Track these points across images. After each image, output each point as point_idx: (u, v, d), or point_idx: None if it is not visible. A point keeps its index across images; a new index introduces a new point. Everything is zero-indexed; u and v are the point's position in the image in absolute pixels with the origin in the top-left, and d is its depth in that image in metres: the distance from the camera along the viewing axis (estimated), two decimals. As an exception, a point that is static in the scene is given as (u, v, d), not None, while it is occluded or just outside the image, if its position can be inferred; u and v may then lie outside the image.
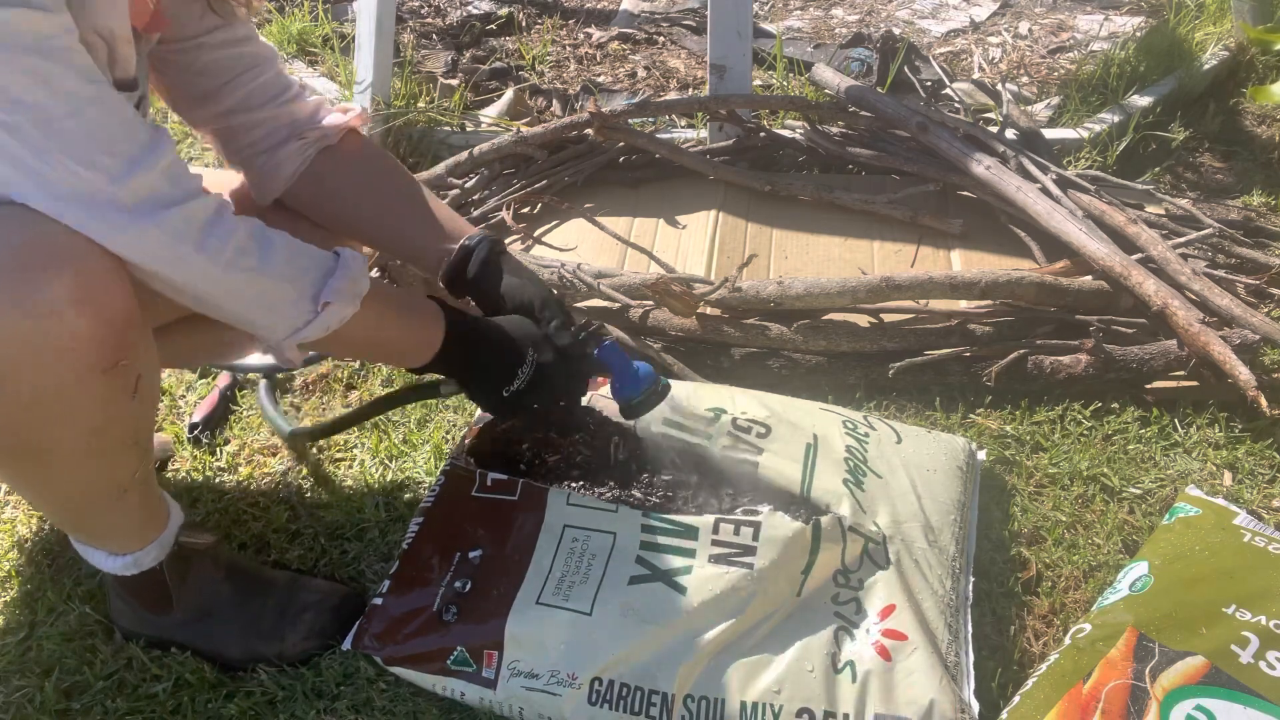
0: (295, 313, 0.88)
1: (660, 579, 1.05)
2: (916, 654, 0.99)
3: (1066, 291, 1.50)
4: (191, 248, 0.80)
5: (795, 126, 2.07)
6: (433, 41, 2.73)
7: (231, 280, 0.84)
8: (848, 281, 1.49)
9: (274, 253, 0.86)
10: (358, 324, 0.92)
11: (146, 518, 1.03)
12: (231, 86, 1.05)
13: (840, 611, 1.03)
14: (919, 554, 1.10)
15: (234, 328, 0.90)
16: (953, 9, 2.86)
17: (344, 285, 0.90)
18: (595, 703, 1.00)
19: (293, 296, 0.88)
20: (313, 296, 0.88)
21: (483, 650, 1.04)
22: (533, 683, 1.02)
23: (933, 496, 1.17)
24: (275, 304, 0.87)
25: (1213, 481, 1.32)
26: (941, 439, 1.27)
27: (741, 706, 0.98)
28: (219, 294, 0.85)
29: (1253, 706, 0.90)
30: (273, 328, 0.89)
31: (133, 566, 1.04)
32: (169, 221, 0.79)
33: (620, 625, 1.02)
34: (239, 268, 0.84)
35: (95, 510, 0.98)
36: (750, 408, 1.23)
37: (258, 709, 1.07)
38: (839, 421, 1.24)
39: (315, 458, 1.38)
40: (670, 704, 0.99)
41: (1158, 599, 1.04)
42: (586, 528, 1.10)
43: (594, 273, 1.56)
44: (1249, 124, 2.17)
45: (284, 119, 1.09)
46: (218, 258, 0.82)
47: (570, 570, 1.07)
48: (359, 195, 1.13)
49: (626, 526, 1.10)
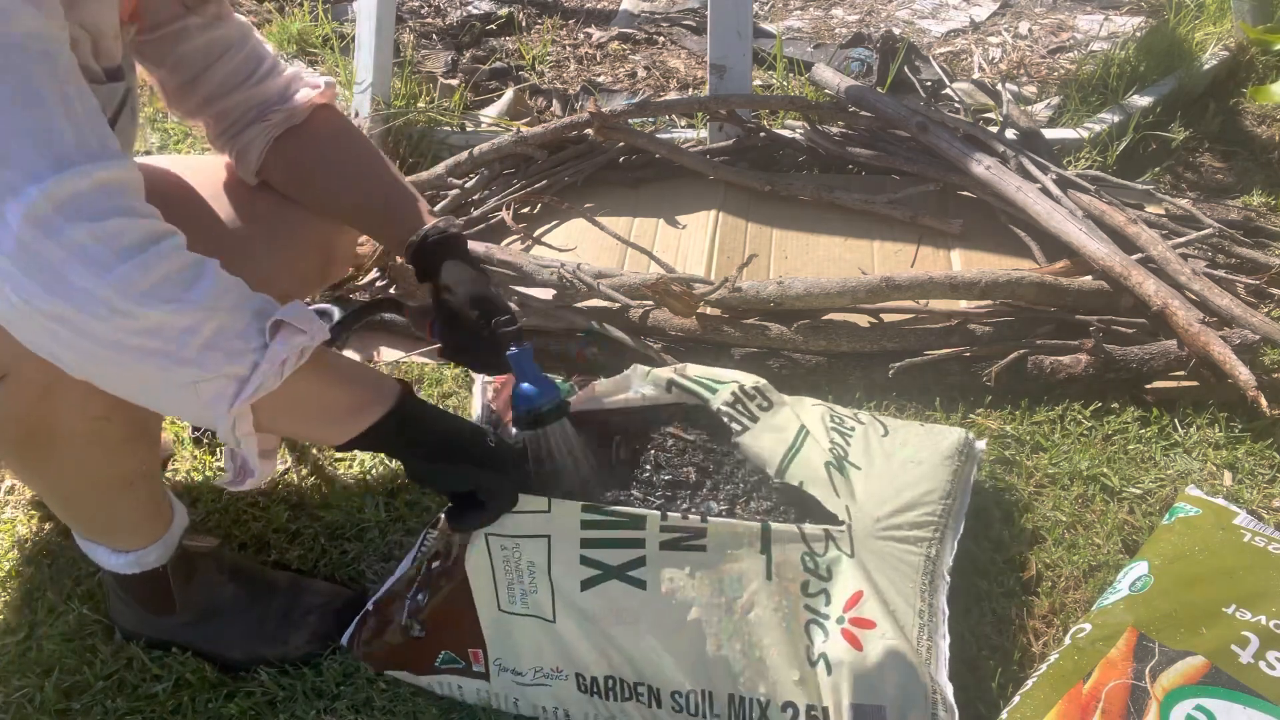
0: (239, 345, 0.75)
1: (614, 575, 1.00)
2: (886, 640, 0.97)
3: (1066, 291, 1.50)
4: (91, 272, 0.67)
5: (795, 126, 2.07)
6: (433, 41, 2.73)
7: (153, 311, 0.69)
8: (848, 281, 1.49)
9: (209, 281, 0.74)
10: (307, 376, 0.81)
11: (150, 515, 1.04)
12: (207, 74, 1.04)
13: (810, 604, 1.02)
14: (888, 542, 1.08)
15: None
16: (953, 9, 2.86)
17: (294, 325, 0.78)
18: (585, 691, 1.01)
19: (234, 326, 0.74)
20: (257, 323, 0.76)
21: (467, 650, 1.04)
22: (520, 679, 1.02)
23: (911, 485, 1.15)
24: (212, 339, 0.73)
25: (1213, 481, 1.32)
26: (934, 431, 1.26)
27: (730, 700, 0.98)
28: (127, 347, 0.70)
29: (1253, 706, 0.90)
30: (212, 383, 0.74)
31: (135, 565, 1.04)
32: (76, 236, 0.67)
33: (587, 632, 1.00)
34: (162, 298, 0.70)
35: (101, 503, 0.98)
36: (761, 385, 1.23)
37: (258, 709, 1.07)
38: (826, 415, 1.23)
39: (315, 458, 1.38)
40: (658, 694, 0.99)
41: (1158, 599, 1.04)
42: (513, 535, 1.01)
43: (594, 273, 1.56)
44: (1249, 124, 2.17)
45: (255, 100, 1.07)
46: (130, 285, 0.68)
47: (514, 580, 1.02)
48: (324, 173, 1.11)
49: (562, 526, 1.01)
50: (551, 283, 1.55)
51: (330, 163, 1.11)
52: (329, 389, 0.87)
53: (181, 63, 1.03)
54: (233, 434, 0.78)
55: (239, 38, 1.06)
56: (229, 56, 1.05)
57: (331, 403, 0.88)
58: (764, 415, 1.17)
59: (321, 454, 1.39)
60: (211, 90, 1.05)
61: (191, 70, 1.04)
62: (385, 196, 1.10)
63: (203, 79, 1.04)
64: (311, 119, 1.11)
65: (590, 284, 1.52)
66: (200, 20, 1.01)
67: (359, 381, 0.91)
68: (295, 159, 1.10)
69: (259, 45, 1.08)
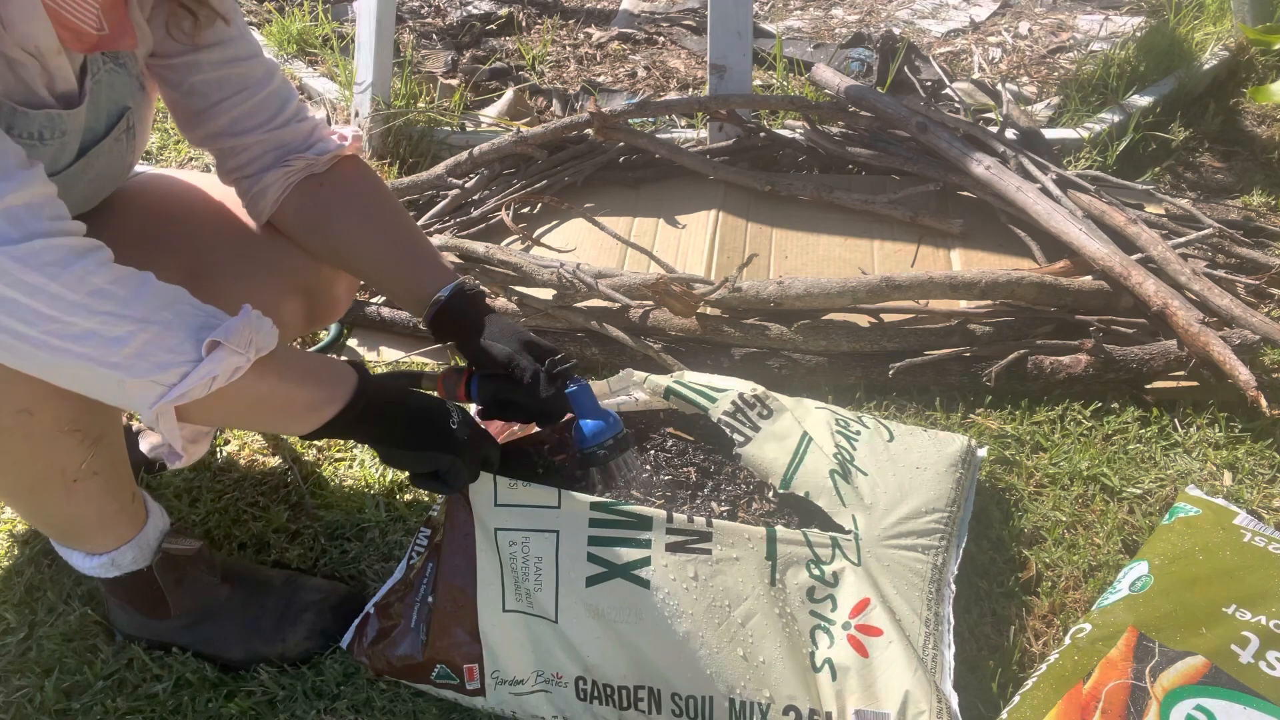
0: (169, 362, 0.77)
1: (619, 574, 1.01)
2: (892, 648, 0.98)
3: (1066, 291, 1.50)
4: (39, 275, 0.70)
5: (795, 126, 2.07)
6: (433, 41, 2.73)
7: (84, 321, 0.72)
8: (848, 281, 1.49)
9: (146, 299, 0.76)
10: (251, 379, 0.83)
11: (113, 517, 1.02)
12: (219, 109, 1.01)
13: (816, 610, 1.02)
14: (895, 550, 1.09)
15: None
16: (953, 9, 2.86)
17: (240, 329, 0.80)
18: (584, 699, 1.00)
19: (168, 341, 0.77)
20: (194, 336, 0.78)
21: (462, 666, 1.03)
22: (519, 688, 1.02)
23: (918, 493, 1.16)
24: (142, 351, 0.76)
25: (1213, 481, 1.32)
26: (938, 437, 1.26)
27: (730, 704, 0.98)
28: (65, 342, 0.73)
29: (1253, 706, 0.90)
30: (136, 385, 0.77)
31: (110, 568, 1.04)
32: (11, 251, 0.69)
33: (590, 629, 1.00)
34: (93, 310, 0.73)
35: (48, 501, 0.96)
36: (760, 392, 1.23)
37: (258, 709, 1.07)
38: (831, 419, 1.23)
39: (315, 457, 1.38)
40: (659, 696, 0.99)
41: (1158, 599, 1.04)
42: (522, 529, 1.02)
43: (594, 273, 1.56)
44: (1249, 124, 2.17)
45: (271, 144, 1.04)
46: (61, 297, 0.71)
47: (521, 576, 1.02)
48: (342, 228, 1.07)
49: (571, 522, 1.02)
50: (551, 283, 1.55)
51: (349, 215, 1.08)
52: (281, 387, 0.89)
53: (194, 92, 1.00)
54: (157, 424, 0.81)
55: (260, 77, 1.02)
56: (245, 95, 1.02)
57: (285, 401, 0.90)
58: (765, 424, 1.17)
59: (322, 454, 1.39)
60: (223, 125, 1.03)
61: (203, 102, 1.01)
62: (404, 254, 1.08)
63: (214, 113, 1.02)
64: (335, 169, 1.07)
65: (590, 284, 1.52)
66: (219, 55, 0.99)
67: (313, 378, 0.92)
68: (312, 207, 1.07)
69: (283, 88, 1.05)
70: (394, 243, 1.08)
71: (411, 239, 1.09)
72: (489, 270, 1.62)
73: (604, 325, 1.53)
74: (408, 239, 1.09)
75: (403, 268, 1.07)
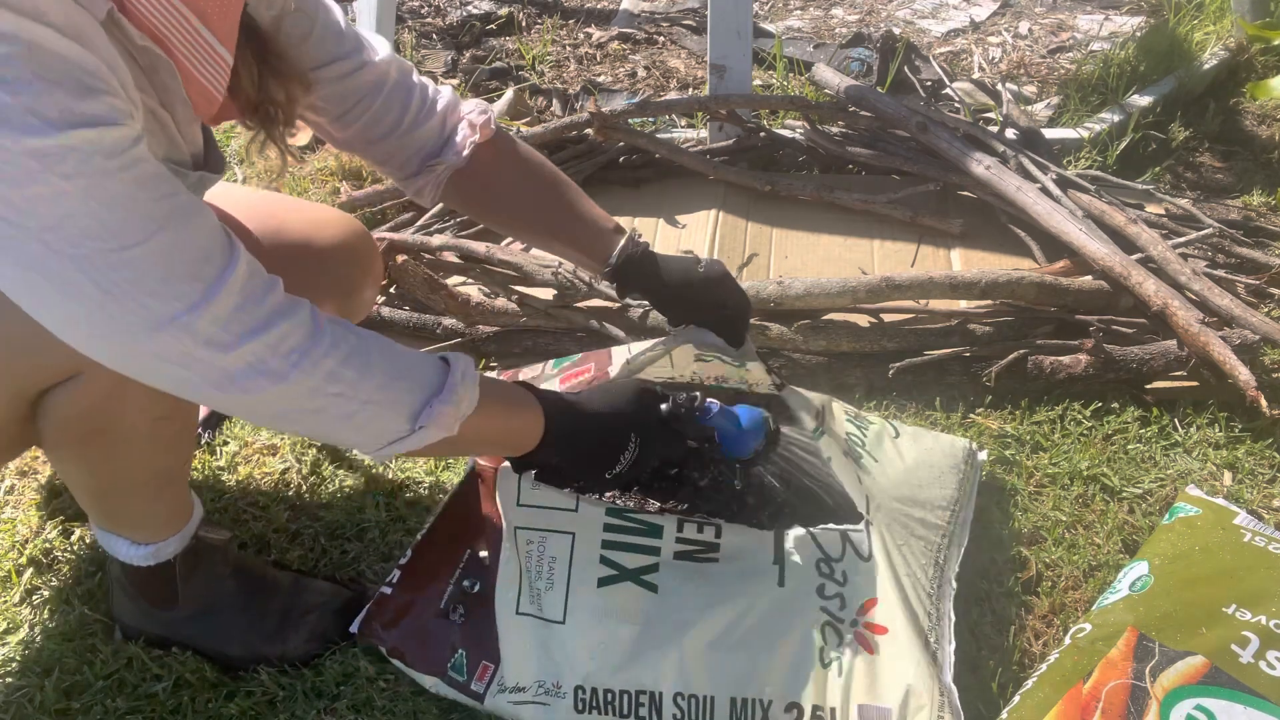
0: (387, 433, 0.81)
1: (629, 578, 1.04)
2: (897, 644, 1.00)
3: (1066, 291, 1.50)
4: (269, 380, 0.71)
5: (795, 126, 2.07)
6: (433, 41, 2.73)
7: (316, 405, 0.76)
8: (848, 281, 1.49)
9: (370, 376, 0.78)
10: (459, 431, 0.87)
11: (177, 509, 1.05)
12: (343, 121, 1.02)
13: (826, 606, 1.03)
14: (903, 547, 1.10)
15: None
16: (953, 9, 2.86)
17: (446, 410, 0.82)
18: (582, 710, 1.00)
19: (386, 419, 0.80)
20: (410, 417, 0.81)
21: (480, 661, 1.05)
22: (519, 696, 1.02)
23: (923, 487, 1.17)
24: (364, 425, 0.80)
25: (1213, 481, 1.32)
26: (941, 439, 1.27)
27: (731, 703, 0.98)
28: (299, 418, 0.77)
29: (1253, 706, 0.90)
30: (360, 445, 0.83)
31: (152, 558, 1.05)
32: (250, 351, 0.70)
33: (596, 630, 1.02)
34: (326, 394, 0.75)
35: (139, 498, 0.99)
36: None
37: (258, 709, 1.07)
38: (843, 409, 1.25)
39: (315, 457, 1.38)
40: (659, 701, 0.99)
41: (1158, 599, 1.04)
42: (540, 529, 1.07)
43: (594, 273, 1.56)
44: (1249, 124, 2.17)
45: (411, 148, 1.05)
46: (301, 385, 0.73)
47: (534, 576, 1.06)
48: (501, 208, 1.11)
49: (587, 525, 1.07)
50: (551, 283, 1.55)
51: (501, 199, 1.11)
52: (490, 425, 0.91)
53: (314, 108, 1.01)
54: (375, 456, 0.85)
55: (373, 84, 1.01)
56: (364, 105, 1.01)
57: (495, 438, 0.94)
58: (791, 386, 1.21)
59: (322, 454, 1.39)
60: (350, 136, 1.03)
61: (326, 115, 1.02)
62: (566, 224, 1.11)
63: (339, 125, 1.02)
64: (477, 157, 1.07)
65: (590, 283, 1.52)
66: (331, 73, 0.98)
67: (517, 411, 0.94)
68: (469, 197, 1.11)
69: (397, 90, 1.03)
70: (549, 214, 1.12)
71: (562, 206, 1.11)
72: (489, 270, 1.62)
73: (604, 325, 1.53)
74: (564, 211, 1.11)
75: (564, 236, 1.12)
